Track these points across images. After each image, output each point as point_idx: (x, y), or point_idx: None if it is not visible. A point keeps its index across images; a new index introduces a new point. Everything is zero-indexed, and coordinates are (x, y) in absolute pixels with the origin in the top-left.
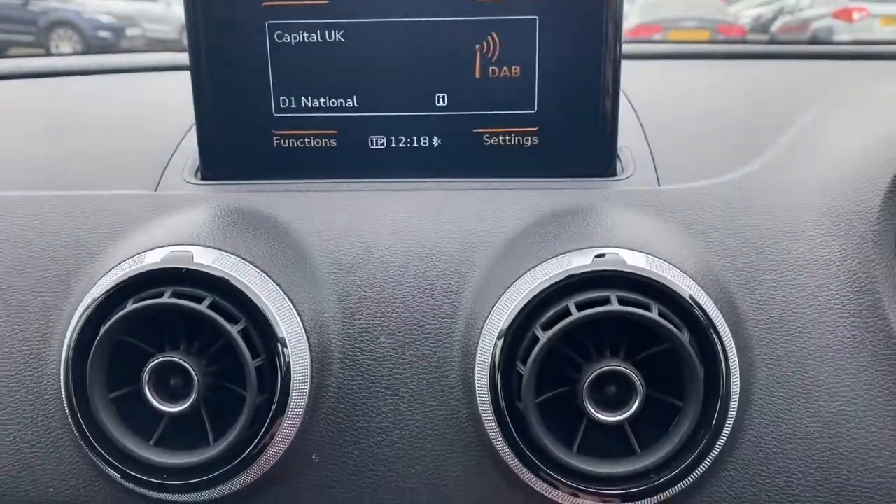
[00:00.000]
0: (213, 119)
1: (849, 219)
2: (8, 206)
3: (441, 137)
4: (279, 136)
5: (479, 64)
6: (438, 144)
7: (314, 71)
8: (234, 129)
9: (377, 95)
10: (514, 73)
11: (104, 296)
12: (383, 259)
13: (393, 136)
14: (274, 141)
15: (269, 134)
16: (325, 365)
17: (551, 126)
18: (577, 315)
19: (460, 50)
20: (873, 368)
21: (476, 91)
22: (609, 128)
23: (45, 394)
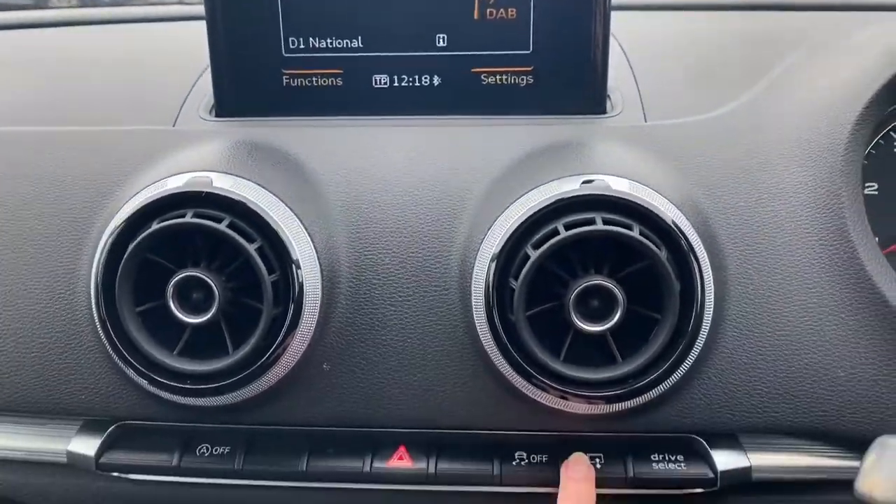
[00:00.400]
0: (226, 59)
1: (819, 150)
2: (40, 139)
3: (441, 76)
4: (288, 75)
5: (477, 6)
6: (439, 83)
7: (321, 13)
8: (246, 68)
9: (381, 36)
10: (510, 15)
11: (132, 217)
12: (387, 187)
13: (395, 75)
14: (283, 80)
15: (279, 73)
16: (335, 282)
17: (545, 66)
18: (565, 234)
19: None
20: (838, 287)
21: (474, 32)
22: (600, 68)
23: (76, 309)
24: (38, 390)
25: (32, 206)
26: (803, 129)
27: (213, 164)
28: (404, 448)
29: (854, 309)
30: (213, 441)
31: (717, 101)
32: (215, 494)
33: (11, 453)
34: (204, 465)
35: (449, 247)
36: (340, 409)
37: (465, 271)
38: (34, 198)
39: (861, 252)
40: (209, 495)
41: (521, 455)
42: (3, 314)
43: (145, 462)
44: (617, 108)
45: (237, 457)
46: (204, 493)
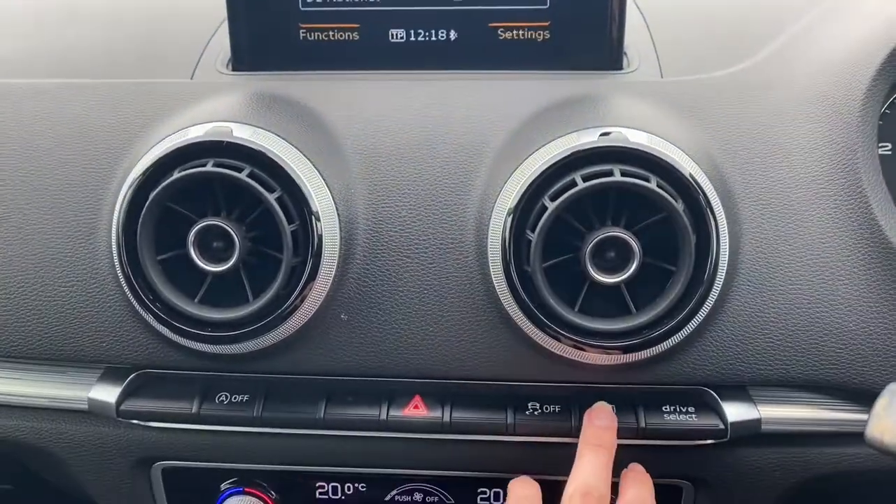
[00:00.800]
0: (243, 13)
1: (834, 106)
2: (62, 91)
3: (458, 31)
4: (305, 29)
5: None
6: (455, 38)
7: None
8: (263, 23)
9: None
10: None
11: (153, 166)
12: (405, 140)
13: (412, 30)
14: (300, 34)
15: (296, 27)
16: (353, 233)
17: (562, 21)
18: (583, 185)
19: None
20: (851, 242)
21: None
22: (617, 24)
23: (98, 257)
24: (60, 337)
25: (54, 156)
26: (819, 85)
27: (232, 116)
28: (419, 397)
29: (867, 264)
30: (232, 389)
31: (733, 57)
32: (234, 442)
33: (34, 400)
34: (223, 412)
35: (466, 199)
36: (357, 358)
37: (481, 223)
38: (56, 147)
39: (875, 208)
40: (228, 443)
41: (535, 405)
42: (26, 261)
43: (165, 409)
44: (633, 64)
45: (256, 404)
46: (223, 440)
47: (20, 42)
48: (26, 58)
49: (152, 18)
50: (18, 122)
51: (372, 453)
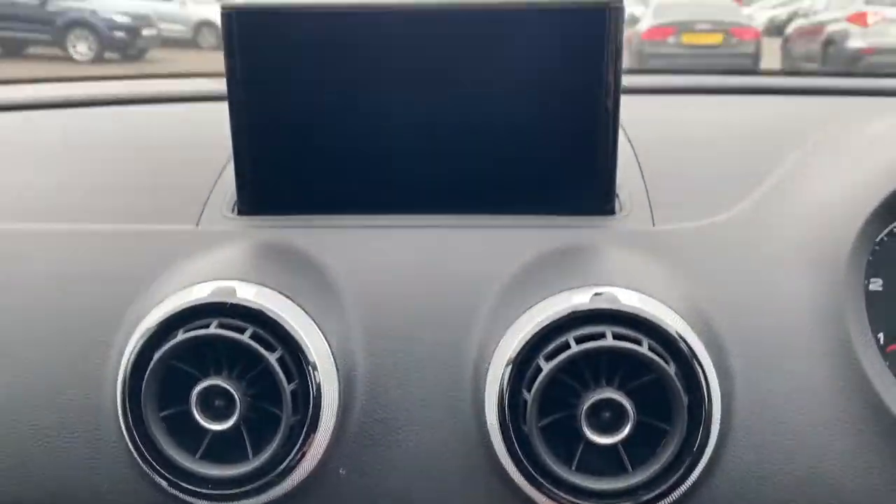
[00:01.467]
0: (249, 163)
1: (822, 260)
2: (67, 237)
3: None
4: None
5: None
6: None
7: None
8: (269, 169)
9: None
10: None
11: (158, 326)
12: (403, 291)
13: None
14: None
15: (303, 173)
16: (351, 387)
17: (554, 167)
18: (577, 348)
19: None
20: (842, 398)
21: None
22: (608, 173)
23: (102, 410)
24: (65, 487)
25: (61, 305)
26: (805, 236)
27: (236, 271)
28: None
29: (861, 418)
30: None
31: (722, 201)
32: None
33: None
34: None
35: (462, 354)
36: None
37: (478, 379)
38: (63, 296)
39: (865, 364)
40: None
41: None
42: (33, 411)
43: None
44: (625, 208)
45: None
46: None
47: (28, 184)
48: (27, 198)
49: (161, 157)
50: (28, 268)
51: None
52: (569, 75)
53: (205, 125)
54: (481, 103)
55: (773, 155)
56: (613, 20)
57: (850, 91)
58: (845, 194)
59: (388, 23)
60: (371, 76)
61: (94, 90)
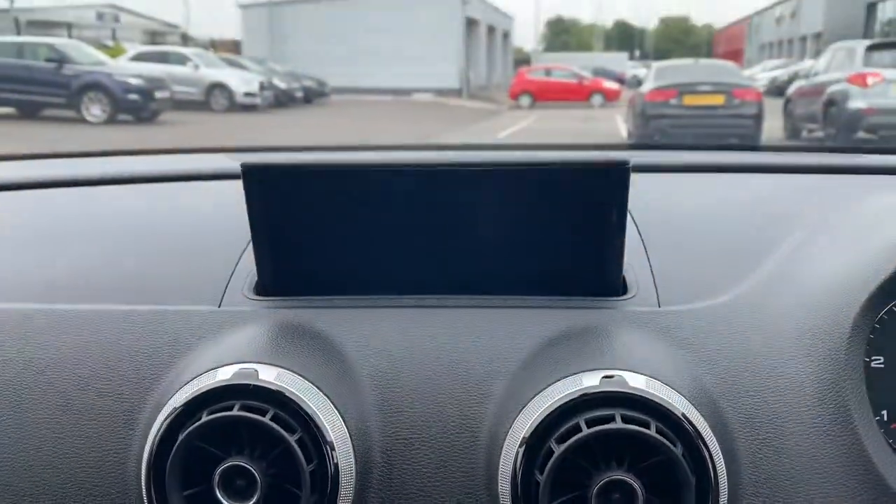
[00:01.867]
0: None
1: (822, 340)
2: (94, 318)
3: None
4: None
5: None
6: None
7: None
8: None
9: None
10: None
11: (183, 406)
12: (418, 373)
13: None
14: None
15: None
16: (368, 466)
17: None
18: (587, 431)
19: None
20: (845, 475)
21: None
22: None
23: (127, 488)
24: None
25: (87, 383)
26: (806, 320)
27: (258, 354)
28: None
29: (862, 497)
30: None
31: (726, 281)
32: None
33: None
34: None
35: (475, 434)
36: None
37: (491, 460)
38: (91, 374)
39: (866, 442)
40: None
41: None
42: (58, 488)
43: None
44: (631, 289)
45: None
46: None
47: (50, 264)
48: (57, 280)
49: (182, 237)
50: (54, 347)
51: None
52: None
53: (225, 204)
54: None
55: (774, 234)
56: (620, 177)
57: (850, 169)
58: (845, 275)
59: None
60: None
61: (111, 167)
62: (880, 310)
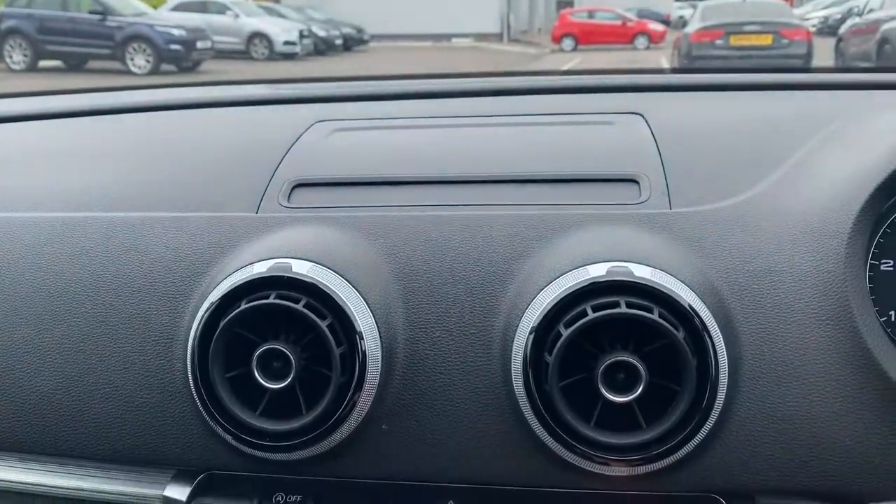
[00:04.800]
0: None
1: (825, 237)
2: (143, 223)
3: None
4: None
5: None
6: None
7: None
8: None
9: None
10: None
11: (223, 297)
12: (438, 270)
13: None
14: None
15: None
16: (393, 353)
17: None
18: (592, 316)
19: None
20: (843, 363)
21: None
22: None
23: (174, 374)
24: (139, 442)
25: (138, 283)
26: (811, 217)
27: (292, 250)
28: (453, 502)
29: (859, 384)
30: (289, 490)
31: (736, 187)
32: None
33: (114, 497)
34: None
35: (492, 322)
36: (397, 465)
37: (505, 345)
38: (139, 275)
39: (864, 332)
40: None
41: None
42: (112, 377)
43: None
44: (644, 194)
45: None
46: None
47: (102, 174)
48: (108, 190)
49: (223, 156)
50: (106, 253)
51: None
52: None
53: (260, 127)
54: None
55: (787, 145)
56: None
57: (869, 85)
58: (849, 178)
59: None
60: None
61: (158, 96)
62: (885, 203)
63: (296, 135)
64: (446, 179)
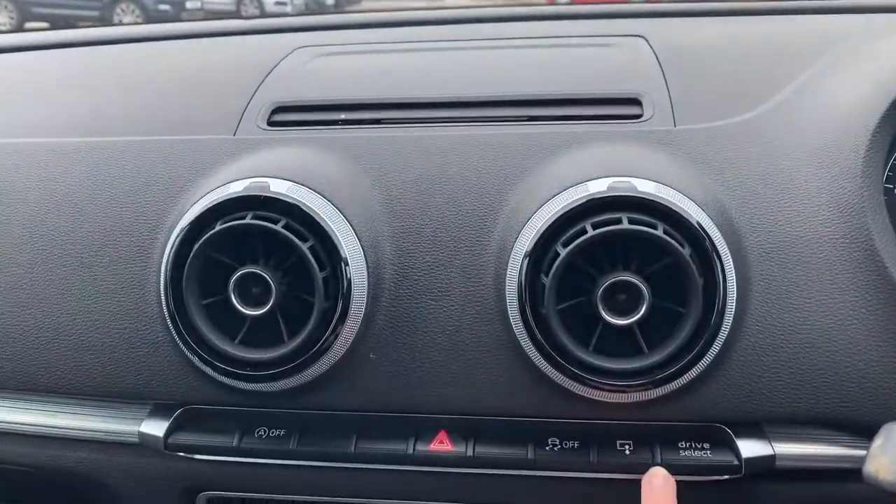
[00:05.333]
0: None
1: (840, 152)
2: (118, 147)
3: None
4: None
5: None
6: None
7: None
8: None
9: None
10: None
11: (197, 219)
12: (429, 192)
13: None
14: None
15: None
16: (380, 279)
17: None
18: (592, 233)
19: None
20: (858, 284)
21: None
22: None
23: (147, 303)
24: (114, 376)
25: (110, 208)
26: (825, 132)
27: (271, 170)
28: (445, 433)
29: (874, 305)
30: (271, 424)
31: (744, 105)
32: (273, 474)
33: (90, 434)
34: (261, 446)
35: (485, 245)
36: (386, 396)
37: (499, 268)
38: (112, 200)
39: (882, 251)
40: (267, 474)
41: (554, 441)
42: (85, 307)
43: (208, 443)
44: (647, 112)
45: (292, 439)
46: (262, 472)
47: (77, 102)
48: (83, 117)
49: (199, 82)
50: (77, 178)
51: (400, 486)
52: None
53: (240, 53)
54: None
55: (796, 64)
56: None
57: (872, 8)
58: (863, 95)
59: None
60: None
61: (134, 30)
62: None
63: (276, 59)
64: (436, 101)
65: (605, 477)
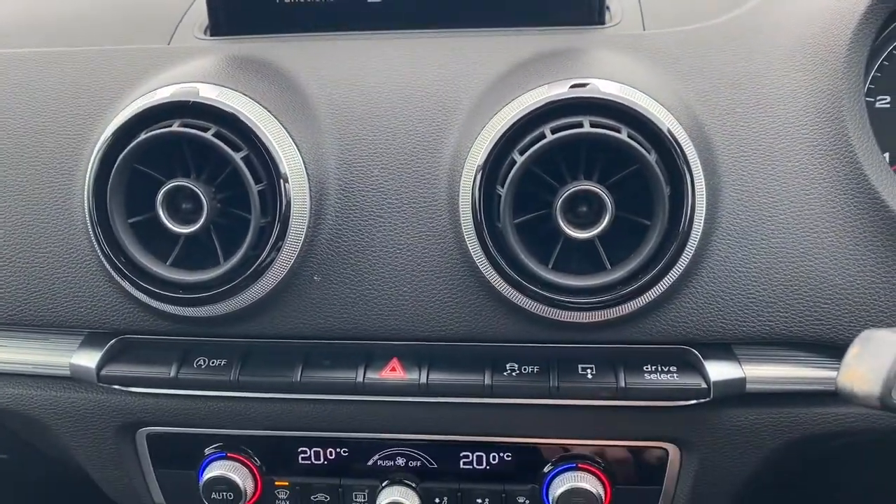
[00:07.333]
0: None
1: (819, 54)
2: (42, 59)
3: None
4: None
5: None
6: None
7: None
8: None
9: None
10: None
11: (121, 128)
12: (377, 101)
13: None
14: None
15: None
16: (324, 194)
17: None
18: (551, 137)
19: None
20: (836, 192)
21: None
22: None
23: (74, 223)
24: (41, 303)
25: (31, 124)
26: (804, 34)
27: (202, 76)
28: (397, 360)
29: (854, 216)
30: (210, 354)
31: (717, 8)
32: (214, 407)
33: (18, 367)
34: (200, 376)
35: (438, 157)
36: (332, 320)
37: (453, 181)
38: (34, 114)
39: (861, 157)
40: (208, 408)
41: (513, 366)
42: (4, 230)
43: (144, 374)
44: (616, 18)
45: (233, 369)
46: (203, 405)
47: (3, 11)
48: (8, 27)
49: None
50: (2, 88)
51: (350, 417)
52: None
53: None
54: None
55: None
56: None
57: None
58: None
59: None
60: None
61: None
62: (883, 14)
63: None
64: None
65: (566, 403)
